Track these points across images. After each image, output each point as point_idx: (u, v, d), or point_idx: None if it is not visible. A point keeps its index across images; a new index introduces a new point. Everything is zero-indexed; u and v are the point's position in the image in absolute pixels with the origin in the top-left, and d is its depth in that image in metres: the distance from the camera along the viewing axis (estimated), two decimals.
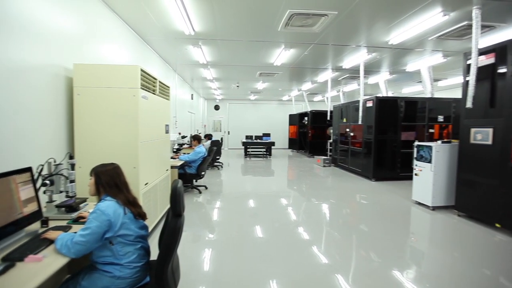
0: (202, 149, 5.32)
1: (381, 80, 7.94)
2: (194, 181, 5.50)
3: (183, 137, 7.23)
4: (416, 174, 4.61)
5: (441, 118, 6.60)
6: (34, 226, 1.64)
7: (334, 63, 6.60)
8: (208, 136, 8.55)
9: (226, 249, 2.93)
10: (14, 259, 1.26)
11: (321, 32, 4.41)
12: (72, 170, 2.05)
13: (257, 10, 3.68)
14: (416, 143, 4.68)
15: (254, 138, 11.66)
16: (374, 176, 6.49)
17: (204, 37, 4.76)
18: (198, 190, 5.34)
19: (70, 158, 2.11)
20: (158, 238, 1.67)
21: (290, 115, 14.38)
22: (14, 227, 1.47)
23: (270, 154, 11.34)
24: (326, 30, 4.32)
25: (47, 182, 1.86)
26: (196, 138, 5.75)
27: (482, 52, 3.59)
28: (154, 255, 1.49)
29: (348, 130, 7.77)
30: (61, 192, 1.97)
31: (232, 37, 4.78)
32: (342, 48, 5.34)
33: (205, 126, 13.96)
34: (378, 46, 5.14)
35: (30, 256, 1.29)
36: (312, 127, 11.32)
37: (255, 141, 11.43)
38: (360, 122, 6.47)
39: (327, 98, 9.80)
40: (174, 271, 1.51)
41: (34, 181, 1.67)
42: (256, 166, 9.15)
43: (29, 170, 1.63)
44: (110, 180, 1.57)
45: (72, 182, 2.00)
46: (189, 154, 5.24)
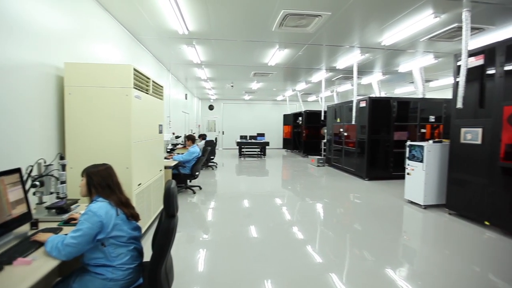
0: (196, 149, 5.29)
1: (374, 80, 8.04)
2: (188, 181, 5.47)
3: (177, 137, 7.18)
4: (408, 174, 4.68)
5: (432, 118, 6.72)
6: (23, 229, 1.60)
7: (328, 64, 6.65)
8: (202, 136, 8.51)
9: (220, 249, 2.92)
10: (2, 263, 1.23)
11: (315, 32, 4.43)
12: (63, 171, 2.01)
13: (251, 10, 3.68)
14: (408, 143, 4.74)
15: (248, 138, 11.65)
16: (367, 175, 6.56)
17: (198, 36, 4.73)
18: (192, 190, 5.31)
19: (61, 158, 2.07)
20: (151, 239, 1.65)
21: (284, 115, 14.43)
22: (2, 230, 1.43)
23: (264, 154, 11.36)
24: (320, 30, 4.35)
25: (37, 183, 1.82)
26: (190, 138, 5.71)
27: (472, 53, 3.66)
28: (148, 256, 1.47)
29: (341, 130, 7.84)
30: (51, 193, 1.93)
31: (226, 36, 4.77)
32: (335, 48, 5.39)
33: (199, 126, 13.89)
34: (371, 47, 5.20)
35: (19, 259, 1.26)
36: (306, 127, 11.37)
37: (250, 141, 11.43)
38: (353, 122, 6.53)
39: (321, 98, 9.87)
40: (168, 272, 1.50)
41: (23, 182, 1.64)
42: (250, 166, 9.15)
43: (18, 171, 1.60)
44: (102, 181, 1.55)
45: (63, 183, 1.96)
46: (183, 154, 5.20)
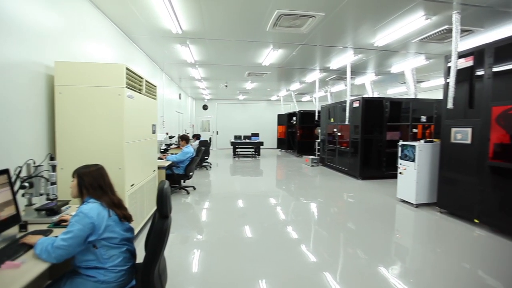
0: (190, 149, 5.26)
1: (367, 81, 8.13)
2: (182, 181, 5.43)
3: (171, 137, 7.12)
4: (400, 173, 4.75)
5: (424, 118, 6.83)
6: (12, 231, 1.56)
7: (322, 64, 6.69)
8: (196, 136, 8.46)
9: (214, 249, 2.91)
10: None
11: (309, 33, 4.46)
12: (53, 171, 1.97)
13: (245, 10, 3.67)
14: (400, 143, 4.81)
15: (242, 138, 11.64)
16: (360, 175, 6.63)
17: (192, 36, 4.70)
18: (186, 190, 5.27)
19: (51, 159, 2.03)
20: (144, 241, 1.63)
21: (278, 115, 14.46)
22: None
23: (258, 154, 11.36)
24: (313, 31, 4.37)
25: (26, 184, 1.78)
26: (184, 138, 5.67)
27: (462, 55, 3.74)
28: (141, 258, 1.46)
29: (335, 130, 7.90)
30: (41, 194, 1.89)
31: (220, 36, 4.75)
32: (329, 49, 5.42)
33: (193, 126, 13.81)
34: (364, 47, 5.25)
35: (7, 262, 1.23)
36: (300, 127, 11.42)
37: (244, 141, 11.41)
38: (347, 122, 6.59)
39: (315, 98, 9.94)
40: (161, 274, 1.49)
41: (12, 183, 1.60)
42: (245, 166, 9.14)
43: (6, 172, 1.56)
44: (93, 181, 1.52)
45: (53, 184, 1.92)
46: (177, 154, 5.16)
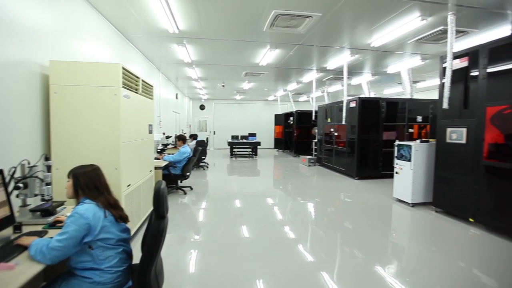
0: (187, 149, 5.24)
1: (363, 81, 8.17)
2: (179, 182, 5.41)
3: (168, 137, 7.09)
4: (397, 173, 4.78)
5: (419, 118, 6.89)
6: (6, 232, 1.54)
7: (319, 64, 6.72)
8: (193, 136, 8.43)
9: (212, 250, 2.90)
10: None
11: (305, 33, 4.47)
12: (48, 172, 1.95)
13: (242, 10, 3.67)
14: (397, 143, 4.84)
15: (240, 138, 11.63)
16: (357, 174, 6.66)
17: (188, 35, 4.69)
18: (183, 191, 5.25)
19: (46, 159, 2.00)
20: (141, 241, 1.62)
21: (275, 115, 14.46)
22: None
23: (256, 154, 11.36)
24: (310, 31, 4.39)
25: (20, 185, 1.76)
26: (181, 138, 5.65)
27: (457, 56, 3.78)
28: (137, 259, 1.45)
29: (332, 130, 7.92)
30: (36, 195, 1.87)
31: (217, 36, 4.74)
32: (326, 49, 5.44)
33: (190, 126, 13.76)
34: (360, 48, 5.28)
35: (1, 264, 1.21)
36: (297, 127, 11.44)
37: (241, 141, 11.40)
38: (344, 122, 6.61)
39: (312, 99, 9.96)
40: (158, 275, 1.48)
41: (6, 184, 1.58)
42: (242, 166, 9.13)
43: (0, 172, 1.54)
44: (89, 182, 1.51)
45: (48, 184, 1.90)
46: (173, 154, 5.14)
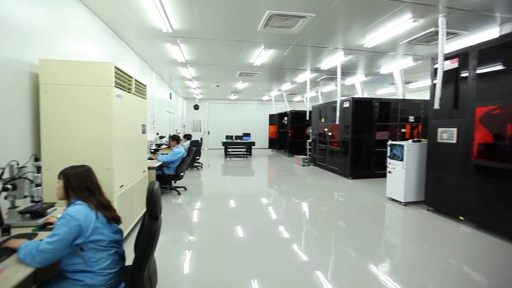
0: (181, 149, 5.20)
1: (357, 81, 8.25)
2: (173, 182, 5.37)
3: (161, 137, 7.03)
4: (389, 172, 4.84)
5: (412, 119, 6.99)
6: None
7: (313, 64, 6.75)
8: (187, 136, 8.37)
9: (206, 250, 2.89)
10: None
11: (300, 33, 4.49)
12: (38, 173, 1.91)
13: (236, 10, 3.66)
14: (389, 142, 4.90)
15: (234, 138, 11.61)
16: (351, 174, 6.72)
17: (182, 35, 4.66)
18: (177, 191, 5.21)
19: (36, 160, 1.96)
20: (134, 243, 1.60)
21: (270, 115, 14.49)
22: None
23: (250, 154, 11.36)
24: (304, 31, 4.41)
25: (9, 186, 1.72)
26: (174, 138, 5.61)
27: (447, 57, 3.85)
28: (130, 260, 1.43)
29: (326, 130, 7.98)
30: (25, 197, 1.82)
31: (211, 36, 4.72)
32: (320, 49, 5.48)
33: (184, 126, 13.67)
34: (354, 48, 5.33)
35: None
36: (291, 127, 11.48)
37: (235, 141, 11.38)
38: (337, 122, 6.67)
39: (306, 99, 10.01)
40: (151, 276, 1.47)
41: None
42: (236, 166, 9.12)
43: None
44: (80, 183, 1.48)
45: (38, 186, 1.86)
46: (167, 154, 5.10)
